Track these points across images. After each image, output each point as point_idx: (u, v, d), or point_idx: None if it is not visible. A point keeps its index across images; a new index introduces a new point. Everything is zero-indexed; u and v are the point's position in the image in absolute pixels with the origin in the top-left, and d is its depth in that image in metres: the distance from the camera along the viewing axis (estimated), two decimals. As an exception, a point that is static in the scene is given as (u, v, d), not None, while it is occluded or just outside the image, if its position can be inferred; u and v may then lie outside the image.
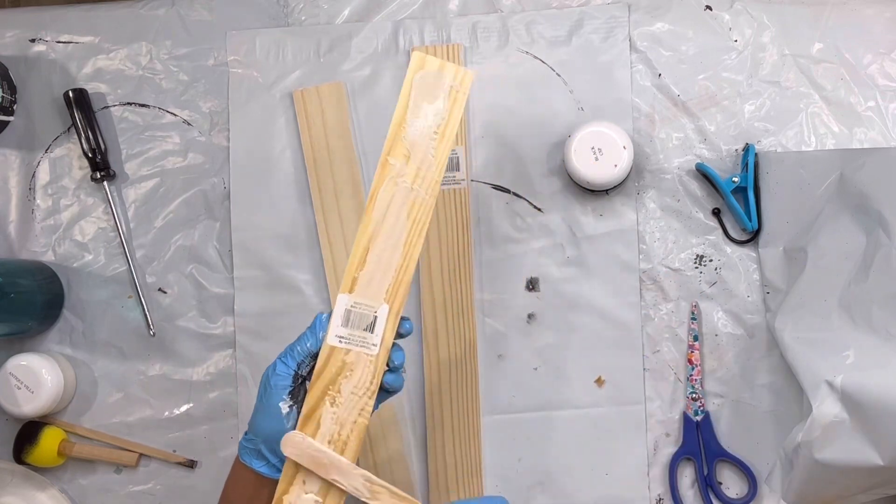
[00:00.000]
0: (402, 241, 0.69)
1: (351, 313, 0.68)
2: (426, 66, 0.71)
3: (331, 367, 0.68)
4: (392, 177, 0.69)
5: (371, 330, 0.69)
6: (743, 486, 0.88)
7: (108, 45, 0.96)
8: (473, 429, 0.89)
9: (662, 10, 0.91)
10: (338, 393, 0.68)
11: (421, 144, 0.70)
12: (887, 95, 0.88)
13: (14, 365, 0.90)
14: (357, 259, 0.69)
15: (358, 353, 0.68)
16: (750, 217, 0.87)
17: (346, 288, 0.68)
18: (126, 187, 0.95)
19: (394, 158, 0.70)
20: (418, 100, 0.70)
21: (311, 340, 0.68)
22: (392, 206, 0.69)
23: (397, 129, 0.70)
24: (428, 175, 0.70)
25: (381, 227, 0.69)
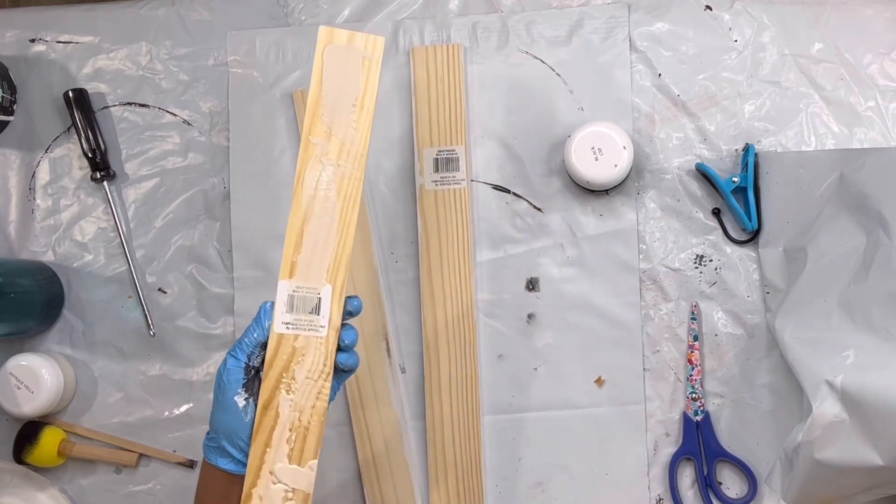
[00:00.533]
0: (335, 219, 0.68)
1: (294, 298, 0.68)
2: (334, 40, 0.69)
3: (281, 354, 0.67)
4: (316, 156, 0.69)
5: (317, 312, 0.68)
6: (743, 486, 0.88)
7: (108, 45, 0.96)
8: (473, 429, 0.89)
9: (662, 10, 0.91)
10: (292, 380, 0.67)
11: (341, 119, 0.69)
12: (887, 95, 0.88)
13: (14, 365, 0.90)
14: (292, 243, 0.68)
15: (307, 338, 0.68)
16: (750, 217, 0.87)
17: (286, 273, 0.68)
18: (126, 187, 0.95)
19: (315, 137, 0.69)
20: (331, 74, 0.69)
21: (257, 331, 0.68)
22: (320, 185, 0.68)
23: (314, 107, 0.69)
24: (353, 149, 0.69)
25: (313, 208, 0.68)
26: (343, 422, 0.91)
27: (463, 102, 0.91)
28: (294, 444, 0.67)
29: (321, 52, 0.69)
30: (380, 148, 0.93)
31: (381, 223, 0.92)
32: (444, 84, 0.91)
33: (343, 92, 0.69)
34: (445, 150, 0.91)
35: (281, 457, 0.67)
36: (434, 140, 0.91)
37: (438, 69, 0.91)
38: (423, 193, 0.91)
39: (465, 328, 0.90)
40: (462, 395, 0.89)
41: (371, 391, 0.90)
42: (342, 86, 0.69)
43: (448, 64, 0.91)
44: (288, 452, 0.67)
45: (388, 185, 0.93)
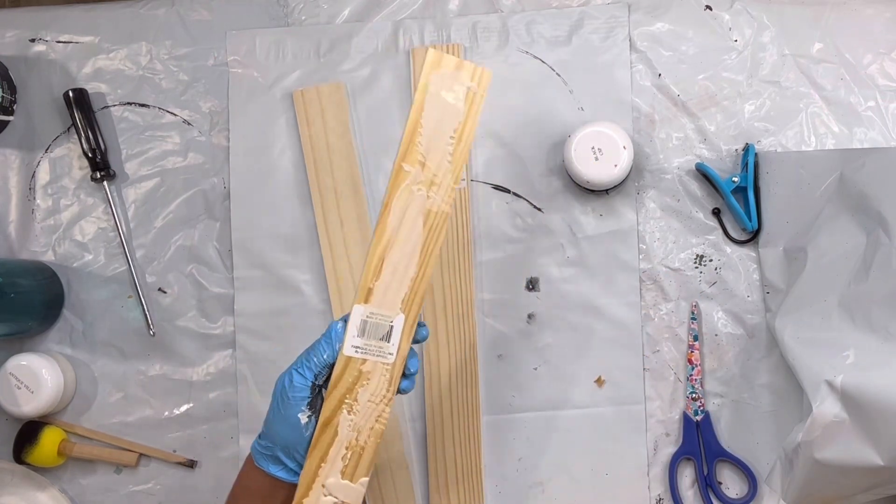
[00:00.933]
0: (418, 250, 0.68)
1: (367, 324, 0.68)
2: (442, 66, 0.67)
3: (347, 376, 0.68)
4: (407, 184, 0.67)
5: (387, 339, 0.69)
6: (743, 486, 0.88)
7: (108, 45, 0.96)
8: (473, 429, 0.89)
9: (662, 10, 0.91)
10: (355, 401, 0.68)
11: (437, 150, 0.67)
12: (887, 95, 0.88)
13: (14, 365, 0.90)
14: (372, 269, 0.68)
15: (374, 363, 0.68)
16: (750, 217, 0.87)
17: (362, 298, 0.68)
18: (126, 187, 0.95)
19: (408, 165, 0.67)
20: (433, 102, 0.67)
21: (327, 351, 0.68)
22: (407, 214, 0.67)
23: (412, 134, 0.67)
24: (444, 182, 0.68)
25: (397, 237, 0.67)
26: (343, 422, 0.91)
27: (463, 102, 0.91)
28: (348, 462, 0.68)
29: (426, 77, 0.67)
30: (380, 148, 0.93)
31: (381, 223, 0.92)
32: (444, 84, 0.91)
33: (443, 121, 0.67)
34: (445, 150, 0.91)
35: (334, 472, 0.68)
36: (434, 140, 0.91)
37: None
38: (423, 193, 0.90)
39: (465, 328, 0.90)
40: (462, 395, 0.89)
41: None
42: (443, 115, 0.67)
43: (448, 64, 0.91)
44: (342, 468, 0.68)
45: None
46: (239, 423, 0.92)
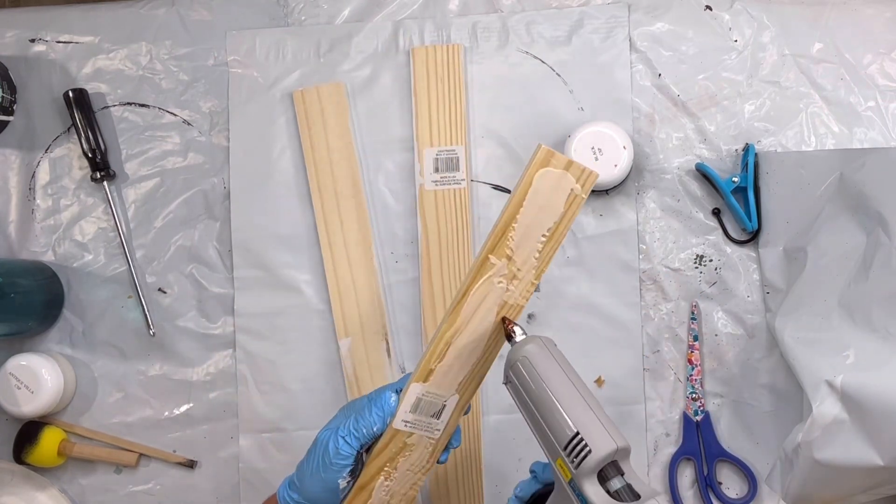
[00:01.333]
0: (485, 338, 0.68)
1: (421, 401, 0.68)
2: (552, 164, 0.64)
3: (392, 447, 0.69)
4: (489, 276, 0.65)
5: (438, 416, 0.69)
6: (743, 486, 0.88)
7: (108, 45, 0.96)
8: (473, 429, 0.89)
9: (662, 10, 0.91)
10: (394, 469, 0.69)
11: (527, 246, 0.65)
12: (887, 95, 0.88)
13: (14, 365, 0.90)
14: (437, 352, 0.67)
15: (420, 437, 0.69)
16: (750, 217, 0.87)
17: (421, 378, 0.68)
18: (126, 187, 0.95)
19: (495, 258, 0.65)
20: (535, 198, 0.64)
21: (377, 424, 0.68)
22: (483, 305, 0.66)
23: (505, 228, 0.64)
24: (526, 277, 0.66)
25: (468, 325, 0.67)
26: (343, 422, 0.91)
27: (463, 102, 0.91)
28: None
29: (532, 174, 0.64)
30: (380, 148, 0.93)
31: (381, 223, 0.92)
32: (444, 84, 0.91)
33: (539, 219, 0.65)
34: (445, 150, 0.91)
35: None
36: (434, 140, 0.91)
37: (438, 69, 0.91)
38: (423, 193, 0.91)
39: (466, 328, 0.90)
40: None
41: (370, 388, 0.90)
42: (540, 212, 0.65)
43: (448, 64, 0.91)
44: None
45: (388, 185, 0.93)
46: (239, 423, 0.92)
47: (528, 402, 0.62)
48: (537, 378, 0.61)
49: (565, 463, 0.59)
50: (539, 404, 0.61)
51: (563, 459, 0.59)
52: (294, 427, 0.91)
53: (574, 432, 0.58)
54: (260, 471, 0.91)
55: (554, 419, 0.60)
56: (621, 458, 0.58)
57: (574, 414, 0.59)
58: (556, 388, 0.61)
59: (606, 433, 0.58)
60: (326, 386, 0.91)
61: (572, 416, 0.59)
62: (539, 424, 0.61)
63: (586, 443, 0.57)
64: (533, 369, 0.62)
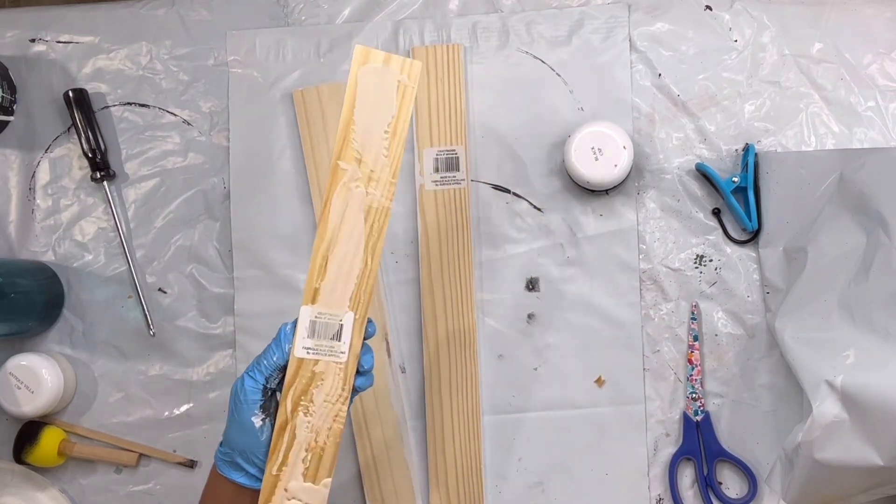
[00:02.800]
0: (361, 247, 0.68)
1: (316, 324, 0.68)
2: (370, 60, 0.67)
3: (301, 378, 0.68)
4: (345, 182, 0.67)
5: (338, 338, 0.68)
6: (743, 486, 0.88)
7: (108, 45, 0.96)
8: (473, 429, 0.89)
9: (662, 10, 0.91)
10: (310, 402, 0.68)
11: (372, 145, 0.67)
12: (887, 95, 0.88)
13: (14, 365, 0.90)
14: (316, 269, 0.68)
15: (327, 363, 0.68)
16: (750, 217, 0.87)
17: (308, 299, 0.68)
18: (126, 187, 0.95)
19: (345, 162, 0.67)
20: (364, 97, 0.67)
21: (277, 354, 0.68)
22: (348, 211, 0.67)
23: (345, 130, 0.67)
24: (382, 177, 0.68)
25: (339, 235, 0.67)
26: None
27: (463, 102, 0.91)
28: (309, 464, 0.68)
29: (355, 73, 0.67)
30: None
31: (381, 223, 0.92)
32: (444, 84, 0.91)
33: (375, 116, 0.67)
34: (445, 150, 0.91)
35: (296, 475, 0.68)
36: (434, 140, 0.91)
37: (438, 69, 0.91)
38: (423, 193, 0.91)
39: (465, 328, 0.90)
40: (462, 395, 0.89)
41: (371, 391, 0.90)
42: (374, 110, 0.67)
43: (448, 64, 0.91)
44: (303, 471, 0.68)
45: (388, 185, 0.93)
46: (239, 423, 0.92)
47: None
48: None
49: None
50: None
51: None
52: (294, 427, 0.91)
53: None
54: (260, 471, 0.91)
55: None
56: None
57: None
58: None
59: None
60: (326, 386, 0.91)
61: None
62: None
63: None
64: None
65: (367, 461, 0.90)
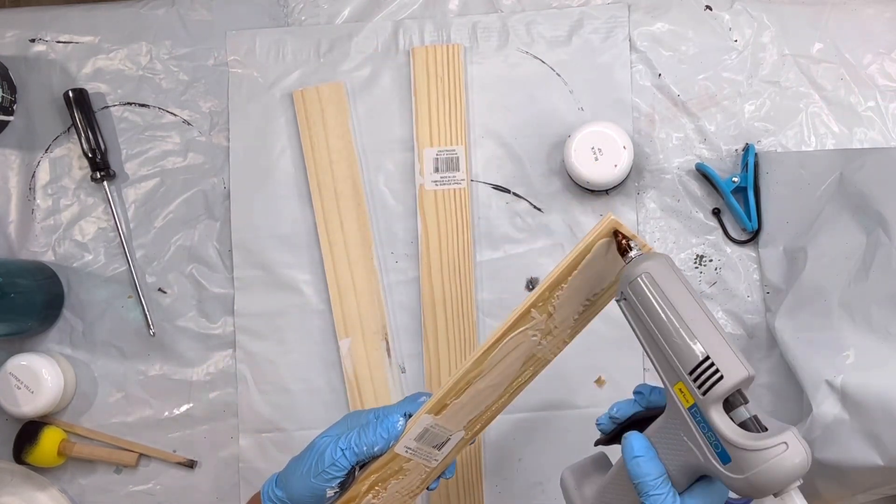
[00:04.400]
0: (505, 385, 0.68)
1: (428, 432, 0.68)
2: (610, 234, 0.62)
3: (388, 469, 0.69)
4: (526, 328, 0.65)
5: (440, 448, 0.70)
6: (743, 486, 0.88)
7: (108, 45, 0.96)
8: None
9: (662, 10, 0.91)
10: (384, 490, 0.69)
11: (569, 307, 0.65)
12: (887, 95, 0.88)
13: (14, 365, 0.90)
14: (455, 389, 0.67)
15: (417, 463, 0.69)
16: (750, 217, 0.87)
17: (434, 410, 0.68)
18: (126, 187, 0.95)
19: (537, 312, 0.65)
20: (590, 264, 0.63)
21: (380, 444, 0.68)
22: (513, 353, 0.66)
23: (554, 287, 0.63)
24: (560, 336, 0.67)
25: (492, 370, 0.67)
26: (343, 422, 0.91)
27: (463, 102, 0.91)
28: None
29: (595, 242, 0.62)
30: (380, 148, 0.93)
31: (381, 223, 0.92)
32: (444, 84, 0.91)
33: (589, 283, 0.64)
34: (445, 150, 0.91)
35: None
36: (434, 140, 0.91)
37: (438, 69, 0.91)
38: (423, 193, 0.91)
39: (465, 328, 0.90)
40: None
41: (371, 391, 0.90)
42: (591, 277, 0.64)
43: (448, 64, 0.91)
44: None
45: (388, 185, 0.93)
46: (239, 423, 0.92)
47: (648, 323, 0.57)
48: (660, 296, 0.56)
49: (689, 388, 0.55)
50: (661, 326, 0.56)
51: (685, 384, 0.55)
52: (294, 427, 0.91)
53: (703, 356, 0.54)
54: (260, 471, 0.91)
55: (679, 342, 0.55)
56: (745, 386, 0.55)
57: (703, 337, 0.54)
58: (682, 309, 0.55)
59: (737, 359, 0.54)
60: (326, 386, 0.91)
61: (702, 339, 0.54)
62: (658, 346, 0.56)
63: (717, 368, 0.53)
64: (656, 286, 0.56)
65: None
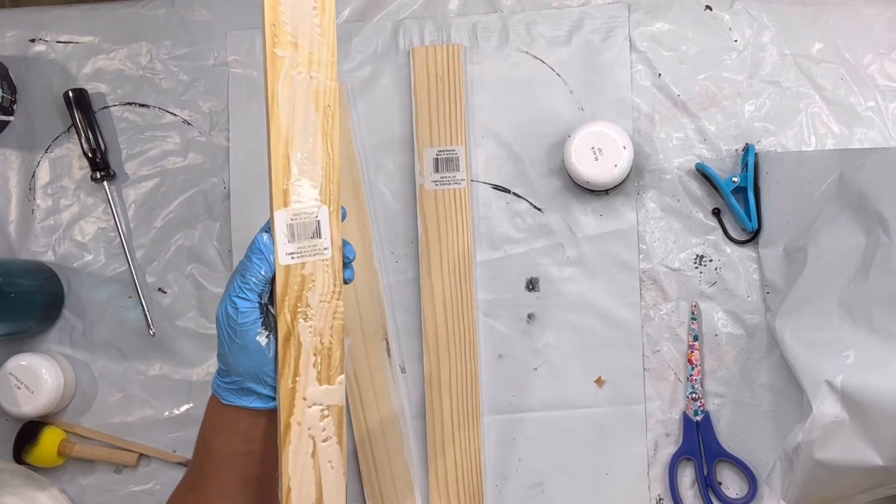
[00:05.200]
0: (318, 136, 0.65)
1: (293, 226, 0.65)
2: None
3: (291, 285, 0.65)
4: (286, 70, 0.63)
5: (318, 235, 0.66)
6: (743, 486, 0.88)
7: (108, 45, 0.96)
8: (473, 429, 0.89)
9: (662, 10, 0.91)
10: (307, 307, 0.66)
11: (304, 26, 0.63)
12: (887, 95, 0.88)
13: (14, 365, 0.90)
14: (280, 169, 0.64)
15: (314, 263, 0.66)
16: (750, 217, 0.87)
17: (280, 203, 0.65)
18: (126, 187, 0.95)
19: (281, 49, 0.63)
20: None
21: (263, 267, 0.65)
22: (297, 102, 0.64)
23: (273, 14, 0.63)
24: (322, 57, 0.65)
25: (294, 128, 0.64)
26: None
27: (463, 102, 0.91)
28: (321, 367, 0.67)
29: None
30: (380, 148, 0.93)
31: (381, 223, 0.92)
32: (444, 84, 0.91)
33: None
34: (445, 150, 0.91)
35: (311, 381, 0.66)
36: (434, 140, 0.91)
37: (438, 69, 0.91)
38: (423, 193, 0.91)
39: (465, 328, 0.90)
40: (462, 395, 0.89)
41: (371, 391, 0.90)
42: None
43: (448, 64, 0.91)
44: (316, 376, 0.67)
45: (388, 185, 0.93)
46: (239, 423, 0.92)
47: None
48: None
49: None
50: None
51: None
52: (294, 427, 0.91)
53: None
54: (260, 471, 0.91)
55: None
56: None
57: None
58: None
59: None
60: (326, 386, 0.91)
61: None
62: None
63: None
64: None
65: (368, 461, 0.90)
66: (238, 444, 0.68)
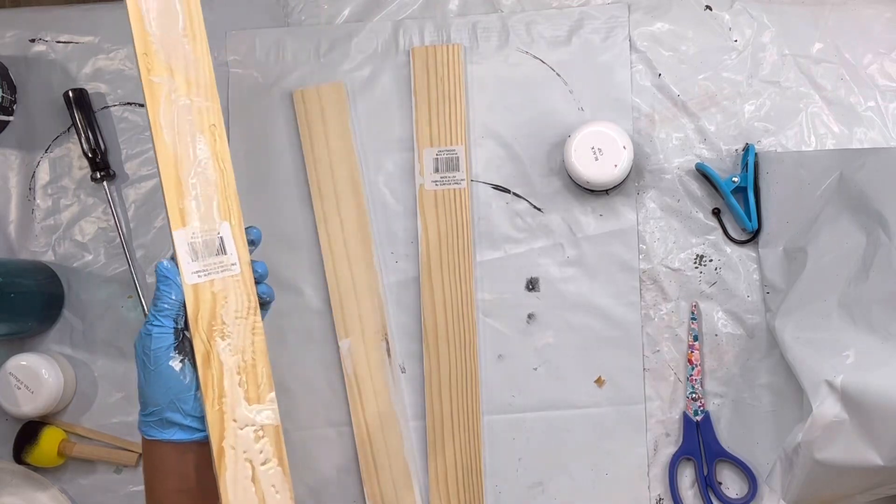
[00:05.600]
0: (209, 155, 0.66)
1: (195, 245, 0.65)
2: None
3: (202, 304, 0.65)
4: (165, 95, 0.65)
5: (223, 251, 0.66)
6: (743, 486, 0.88)
7: (108, 45, 0.96)
8: (473, 429, 0.89)
9: (662, 10, 0.91)
10: (223, 324, 0.66)
11: (177, 54, 0.65)
12: (887, 95, 0.88)
13: (14, 365, 0.90)
14: (173, 190, 0.65)
15: (223, 279, 0.66)
16: (750, 217, 0.87)
17: (178, 223, 0.65)
18: (126, 187, 0.95)
19: (157, 76, 0.64)
20: (148, 5, 0.65)
21: (173, 291, 0.65)
22: (180, 125, 0.65)
23: (143, 43, 0.64)
24: (200, 80, 0.66)
25: (182, 150, 0.65)
26: (343, 422, 0.91)
27: (463, 102, 0.91)
28: (247, 385, 0.66)
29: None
30: (380, 148, 0.93)
31: (380, 223, 0.92)
32: (444, 84, 0.91)
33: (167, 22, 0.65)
34: (445, 150, 0.91)
35: (238, 401, 0.65)
36: (434, 140, 0.91)
37: (438, 69, 0.91)
38: (423, 193, 0.91)
39: (465, 328, 0.90)
40: (462, 395, 0.89)
41: (371, 391, 0.90)
42: (162, 17, 0.65)
43: (448, 64, 0.91)
44: (244, 395, 0.66)
45: (388, 185, 0.93)
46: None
47: None
48: None
49: None
50: None
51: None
52: (294, 427, 0.91)
53: None
54: (260, 471, 0.91)
55: None
56: None
57: None
58: None
59: None
60: (326, 386, 0.91)
61: None
62: None
63: None
64: None
65: (367, 461, 0.90)
66: (172, 482, 0.67)
